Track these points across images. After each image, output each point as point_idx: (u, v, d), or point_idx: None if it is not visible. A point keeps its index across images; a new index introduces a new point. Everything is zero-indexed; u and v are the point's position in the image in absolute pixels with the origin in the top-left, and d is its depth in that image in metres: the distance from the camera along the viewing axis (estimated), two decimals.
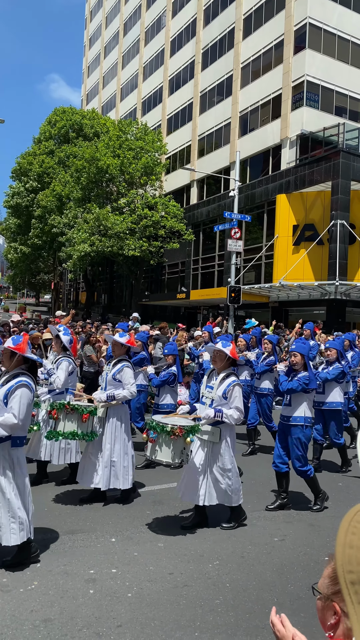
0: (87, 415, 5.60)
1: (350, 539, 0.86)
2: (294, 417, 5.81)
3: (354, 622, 0.80)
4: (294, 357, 5.95)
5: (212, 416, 5.13)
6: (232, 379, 5.28)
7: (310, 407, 5.92)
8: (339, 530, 0.91)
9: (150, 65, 43.00)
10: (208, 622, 3.59)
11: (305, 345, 6.14)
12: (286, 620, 1.50)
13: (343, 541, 0.86)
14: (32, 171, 41.15)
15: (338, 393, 7.53)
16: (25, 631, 3.42)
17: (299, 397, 5.84)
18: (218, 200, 32.09)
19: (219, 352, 5.33)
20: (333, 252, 24.16)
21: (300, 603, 3.88)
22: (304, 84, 26.61)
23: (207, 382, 5.46)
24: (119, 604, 3.79)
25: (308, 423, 5.81)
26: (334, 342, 8.03)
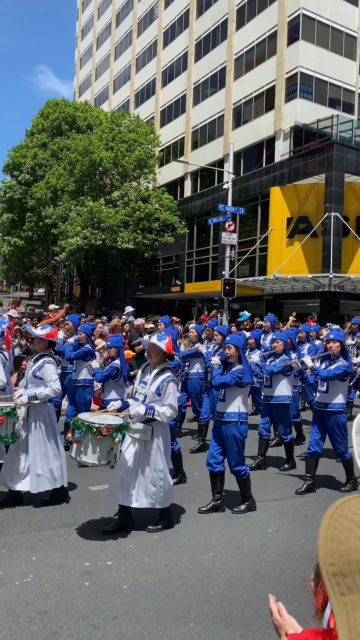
0: (3, 417, 5.25)
1: (331, 532, 0.87)
2: (227, 412, 5.50)
3: (335, 613, 0.81)
4: (228, 349, 5.60)
5: (143, 413, 4.81)
6: (166, 374, 4.99)
7: (244, 402, 5.59)
8: (321, 523, 0.92)
9: (143, 57, 42.70)
10: (203, 612, 3.62)
11: (241, 337, 5.76)
12: (283, 609, 1.51)
13: (325, 534, 0.88)
14: (25, 164, 40.88)
15: (286, 387, 7.14)
16: (21, 623, 3.43)
17: (233, 391, 5.53)
18: (212, 192, 32.02)
19: (153, 346, 5.01)
20: (327, 244, 24.19)
21: (295, 593, 3.91)
22: (298, 76, 26.52)
23: (141, 378, 5.18)
24: (114, 595, 3.81)
25: (242, 419, 5.49)
26: (281, 334, 7.62)
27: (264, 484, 6.52)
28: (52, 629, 3.38)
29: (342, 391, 6.18)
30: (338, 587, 0.83)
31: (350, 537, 0.84)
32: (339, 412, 6.14)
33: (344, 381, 6.23)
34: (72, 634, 3.33)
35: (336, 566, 0.85)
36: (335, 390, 6.14)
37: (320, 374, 6.12)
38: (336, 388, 6.14)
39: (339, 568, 0.84)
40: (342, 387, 6.17)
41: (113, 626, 3.43)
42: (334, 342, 6.24)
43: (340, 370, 6.05)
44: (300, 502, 5.93)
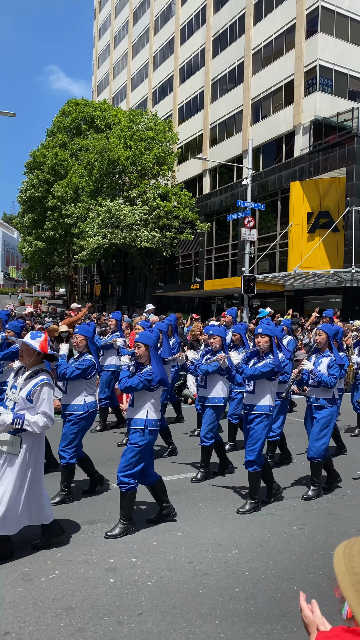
0: None
1: None
2: (134, 420, 4.87)
3: None
4: (138, 348, 5.00)
5: (9, 423, 4.18)
6: (40, 377, 4.35)
7: (156, 408, 4.95)
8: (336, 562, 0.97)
9: (161, 55, 42.68)
10: (228, 610, 3.61)
11: (152, 335, 5.09)
12: (316, 607, 1.50)
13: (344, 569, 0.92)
14: (45, 164, 41.27)
15: (221, 388, 6.38)
16: (48, 619, 3.46)
17: (142, 396, 4.90)
18: (231, 189, 31.87)
19: (25, 345, 4.43)
20: (349, 239, 23.89)
21: (320, 591, 3.87)
22: (317, 69, 26.21)
23: (13, 382, 4.57)
24: (139, 592, 3.82)
25: (152, 426, 4.84)
26: (239, 327, 6.94)
27: (288, 482, 6.47)
28: (78, 624, 3.41)
29: (271, 392, 5.53)
30: None
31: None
32: (266, 415, 5.45)
33: (273, 380, 5.54)
34: (97, 630, 3.35)
35: None
36: (263, 391, 5.50)
37: (245, 372, 5.48)
38: (263, 388, 5.50)
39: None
40: (271, 387, 5.53)
41: (138, 623, 3.44)
42: (263, 336, 5.57)
43: (267, 368, 5.39)
44: (324, 500, 5.87)
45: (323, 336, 6.10)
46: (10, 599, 3.71)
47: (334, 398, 5.97)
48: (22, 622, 3.42)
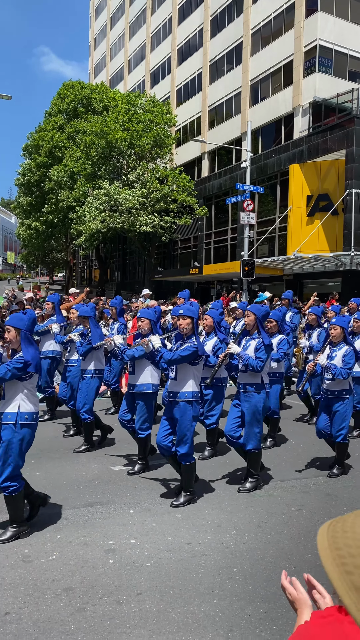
0: None
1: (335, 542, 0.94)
2: (5, 413, 4.46)
3: None
4: (8, 332, 4.74)
5: None
6: None
7: (29, 398, 4.50)
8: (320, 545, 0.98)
9: (158, 35, 42.02)
10: (226, 589, 3.64)
11: (25, 318, 4.76)
12: (297, 583, 1.49)
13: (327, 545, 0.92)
14: (43, 147, 40.88)
15: (150, 374, 6.09)
16: (48, 599, 3.50)
17: (12, 386, 4.47)
18: (230, 172, 31.62)
19: None
20: (348, 222, 23.76)
21: (318, 571, 3.90)
22: (317, 49, 25.83)
23: None
24: (138, 573, 3.85)
25: (23, 420, 4.42)
26: (145, 311, 6.31)
27: (285, 464, 6.51)
28: (77, 604, 3.44)
29: (194, 377, 5.14)
30: None
31: None
32: (189, 402, 5.08)
33: (195, 365, 5.15)
34: (97, 610, 3.38)
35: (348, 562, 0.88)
36: (185, 377, 5.10)
37: (164, 356, 5.11)
38: (185, 374, 5.10)
39: None
40: (194, 372, 5.15)
41: (137, 602, 3.47)
42: (184, 318, 5.18)
43: (187, 351, 4.99)
44: (322, 481, 5.91)
45: (251, 317, 5.68)
46: (11, 580, 3.74)
47: (262, 383, 5.56)
48: (22, 603, 3.46)
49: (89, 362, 7.05)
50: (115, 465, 6.43)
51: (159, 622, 3.26)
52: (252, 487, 5.54)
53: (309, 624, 1.17)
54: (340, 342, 6.12)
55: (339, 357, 5.99)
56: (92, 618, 3.30)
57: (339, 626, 1.09)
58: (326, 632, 1.10)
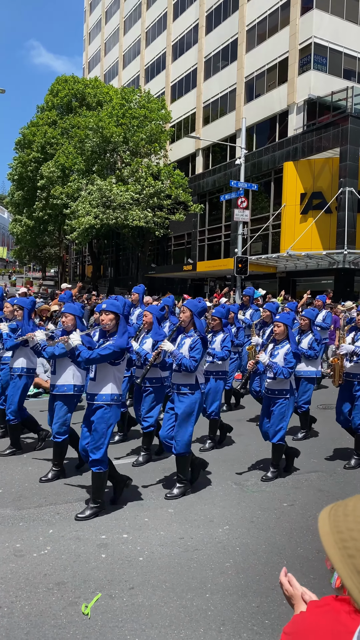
0: None
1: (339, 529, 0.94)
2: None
3: None
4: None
5: None
6: None
7: None
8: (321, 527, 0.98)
9: (153, 31, 41.87)
10: (219, 584, 3.64)
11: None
12: (293, 579, 1.50)
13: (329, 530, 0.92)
14: (35, 142, 40.65)
15: (72, 374, 5.61)
16: (40, 594, 3.49)
17: None
18: (224, 169, 31.61)
19: None
20: (341, 220, 23.83)
21: (310, 565, 3.92)
22: (312, 47, 25.85)
23: None
24: (130, 567, 3.85)
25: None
26: (71, 306, 5.77)
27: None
28: (69, 599, 3.43)
29: (115, 379, 4.76)
30: None
31: None
32: (107, 405, 4.70)
33: (116, 365, 4.76)
34: (89, 604, 3.37)
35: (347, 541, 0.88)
36: (104, 378, 4.72)
37: (82, 355, 4.70)
38: (105, 375, 4.73)
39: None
40: (115, 373, 4.76)
41: (130, 597, 3.47)
42: (107, 313, 4.79)
43: (107, 350, 4.60)
44: (314, 477, 5.93)
45: (186, 313, 5.33)
46: (2, 574, 3.73)
47: (196, 384, 5.23)
48: (14, 597, 3.45)
49: (16, 359, 6.53)
50: None
51: (151, 616, 3.26)
52: (180, 494, 5.15)
53: (305, 613, 1.17)
54: (284, 339, 5.78)
55: (280, 355, 5.69)
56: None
57: (335, 615, 1.09)
58: (322, 621, 1.10)
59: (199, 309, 5.38)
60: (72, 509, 4.90)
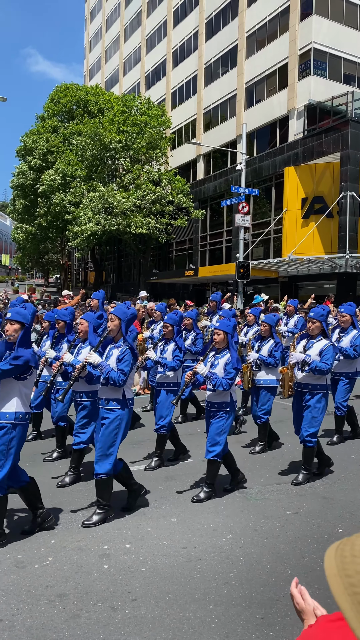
0: None
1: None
2: None
3: None
4: None
5: None
6: None
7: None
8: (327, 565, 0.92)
9: (153, 38, 42.08)
10: (222, 595, 3.60)
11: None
12: (306, 593, 1.46)
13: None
14: (36, 150, 40.81)
15: None
16: (41, 606, 3.44)
17: None
18: (225, 174, 31.65)
19: None
20: (343, 224, 23.82)
21: (315, 575, 3.87)
22: (311, 52, 25.93)
23: None
24: (133, 578, 3.80)
25: None
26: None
27: (282, 467, 6.47)
28: (71, 611, 3.39)
29: (21, 395, 4.30)
30: None
31: None
32: (12, 426, 4.26)
33: (22, 380, 4.30)
34: (91, 617, 3.33)
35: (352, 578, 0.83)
36: (8, 394, 4.27)
37: None
38: (10, 390, 4.27)
39: None
40: (20, 389, 4.31)
41: (132, 609, 3.42)
42: (12, 323, 4.38)
43: (6, 366, 4.16)
44: (319, 484, 5.88)
45: (115, 322, 4.92)
46: (3, 586, 3.69)
47: (124, 399, 4.82)
48: (15, 610, 3.41)
49: None
50: None
51: (154, 628, 3.22)
52: (100, 520, 4.72)
53: (316, 627, 1.12)
54: (224, 348, 5.36)
55: (220, 366, 5.28)
56: (87, 625, 3.25)
57: (348, 631, 1.04)
58: (334, 636, 1.05)
59: (128, 317, 4.94)
60: (74, 519, 4.86)
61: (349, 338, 7.47)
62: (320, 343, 5.89)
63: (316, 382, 5.82)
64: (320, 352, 5.82)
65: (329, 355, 5.77)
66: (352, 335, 7.47)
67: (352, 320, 7.59)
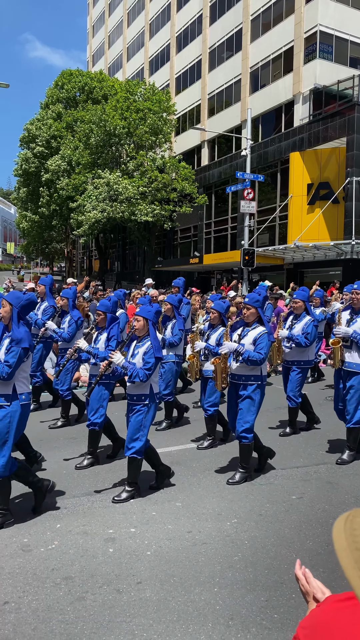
0: None
1: None
2: None
3: None
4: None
5: None
6: None
7: None
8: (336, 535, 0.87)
9: (157, 22, 41.54)
10: (227, 578, 3.61)
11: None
12: (310, 576, 1.46)
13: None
14: (40, 137, 40.58)
15: None
16: (47, 589, 3.47)
17: None
18: (230, 160, 31.39)
19: None
20: (349, 210, 23.61)
21: (319, 559, 3.88)
22: (317, 35, 25.52)
23: None
24: (138, 561, 3.83)
25: None
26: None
27: (286, 452, 6.48)
28: (77, 594, 3.42)
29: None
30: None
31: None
32: None
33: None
34: (97, 599, 3.36)
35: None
36: None
37: None
38: None
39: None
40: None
41: (137, 591, 3.45)
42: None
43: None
44: (323, 469, 5.88)
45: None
46: (10, 569, 3.72)
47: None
48: (22, 592, 3.44)
49: None
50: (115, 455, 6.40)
51: (159, 610, 3.24)
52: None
53: (324, 607, 1.10)
54: (146, 336, 5.05)
55: (139, 355, 4.99)
56: (92, 607, 3.27)
57: (357, 611, 1.02)
58: (342, 616, 1.03)
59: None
60: (80, 504, 4.89)
61: (301, 325, 7.00)
62: (255, 331, 5.42)
63: (250, 373, 5.36)
64: (254, 340, 5.37)
65: (264, 344, 5.30)
66: (304, 322, 7.02)
67: (305, 307, 7.15)
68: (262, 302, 5.58)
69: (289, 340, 7.02)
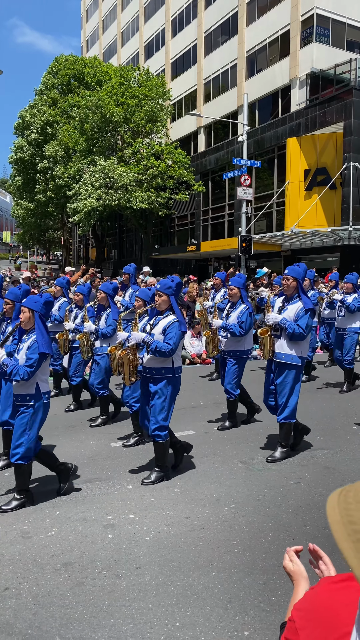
0: None
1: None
2: None
3: None
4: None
5: None
6: None
7: None
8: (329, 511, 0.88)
9: (151, 6, 40.99)
10: (225, 562, 3.65)
11: None
12: (293, 554, 1.46)
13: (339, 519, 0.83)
14: (34, 124, 40.20)
15: None
16: (47, 574, 3.51)
17: None
18: (226, 146, 31.18)
19: None
20: (346, 196, 23.53)
21: (316, 542, 3.89)
22: (314, 18, 25.22)
23: None
24: (137, 547, 3.86)
25: None
26: None
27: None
28: (77, 579, 3.45)
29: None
30: None
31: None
32: None
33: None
34: (96, 584, 3.39)
35: None
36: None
37: None
38: None
39: None
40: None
41: (136, 576, 3.48)
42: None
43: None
44: (321, 454, 5.92)
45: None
46: (10, 556, 3.75)
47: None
48: (22, 578, 3.47)
49: None
50: (114, 441, 6.44)
51: (158, 594, 3.28)
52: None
53: (319, 588, 1.10)
54: (32, 330, 4.67)
55: (23, 351, 4.64)
56: (92, 592, 3.31)
57: (352, 593, 1.02)
58: (337, 598, 1.03)
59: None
60: (80, 490, 4.92)
61: (236, 314, 6.63)
62: (166, 319, 5.05)
63: (161, 366, 4.98)
64: (164, 330, 4.98)
65: (173, 334, 4.91)
66: (239, 310, 6.64)
67: (240, 294, 6.72)
68: (176, 289, 5.18)
69: (225, 330, 6.62)
